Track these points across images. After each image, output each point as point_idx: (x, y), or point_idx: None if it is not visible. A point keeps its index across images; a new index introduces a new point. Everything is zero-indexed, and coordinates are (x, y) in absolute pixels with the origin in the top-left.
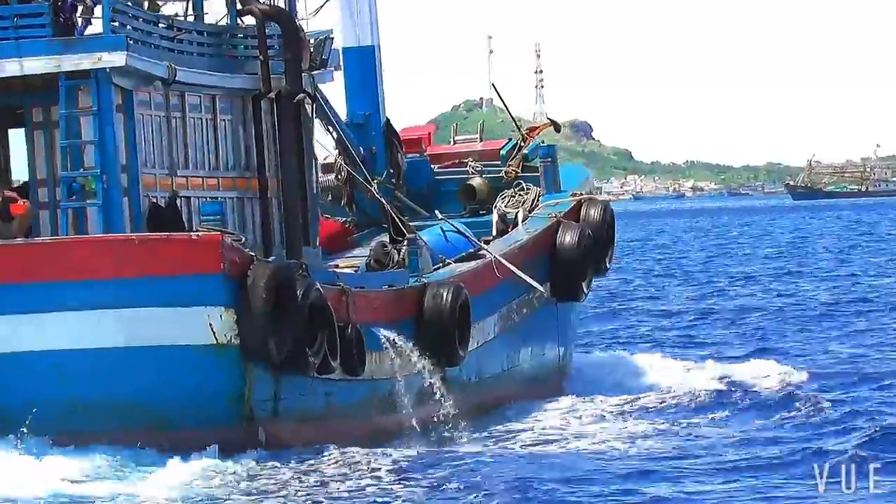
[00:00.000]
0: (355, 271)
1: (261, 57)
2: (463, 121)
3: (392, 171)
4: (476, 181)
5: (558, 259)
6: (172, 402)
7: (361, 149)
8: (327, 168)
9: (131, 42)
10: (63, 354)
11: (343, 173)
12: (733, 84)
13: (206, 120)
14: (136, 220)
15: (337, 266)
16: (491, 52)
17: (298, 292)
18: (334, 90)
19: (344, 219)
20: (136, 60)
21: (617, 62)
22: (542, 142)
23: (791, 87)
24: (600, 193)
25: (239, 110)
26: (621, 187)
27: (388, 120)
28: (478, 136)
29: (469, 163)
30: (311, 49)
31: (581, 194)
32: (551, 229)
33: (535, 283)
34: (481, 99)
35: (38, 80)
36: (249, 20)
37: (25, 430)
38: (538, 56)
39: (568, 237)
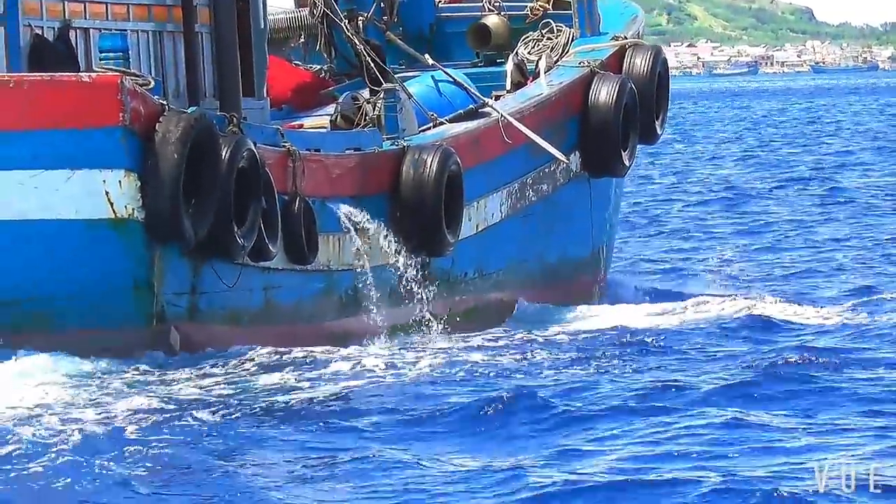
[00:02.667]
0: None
1: None
2: None
3: (383, 4)
4: (492, 20)
5: (591, 121)
6: (57, 294)
7: None
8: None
9: None
10: None
11: (318, 7)
12: None
13: None
14: (13, 56)
15: (302, 126)
16: None
17: (223, 153)
18: None
19: (319, 66)
20: None
21: None
22: None
23: None
24: (763, 60)
25: None
26: (798, 56)
27: None
28: None
29: None
30: None
31: (625, 38)
32: (582, 82)
33: (554, 151)
34: None
35: None
36: None
37: None
38: None
39: (604, 93)
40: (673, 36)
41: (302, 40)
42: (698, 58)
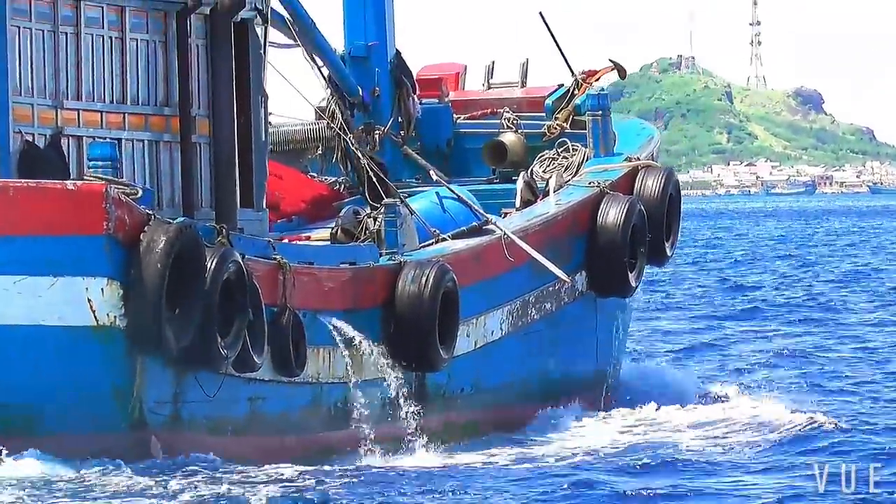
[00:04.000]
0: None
1: None
2: (655, 85)
3: (400, 119)
4: (508, 137)
5: (598, 241)
6: (40, 400)
7: (361, 89)
8: (321, 113)
9: None
10: None
11: (336, 120)
12: None
13: (111, 38)
14: (2, 162)
15: (309, 238)
16: (691, 15)
17: (209, 263)
18: (331, 15)
19: (335, 178)
20: None
21: (858, 15)
22: (603, 90)
23: None
24: (822, 180)
25: (158, 29)
26: (857, 176)
27: (398, 53)
28: (519, 79)
29: (504, 113)
30: None
31: (638, 159)
32: (591, 202)
33: (556, 270)
34: (679, 57)
35: None
36: None
37: None
38: (755, 4)
39: (612, 213)
40: (733, 155)
41: (319, 152)
42: (757, 177)
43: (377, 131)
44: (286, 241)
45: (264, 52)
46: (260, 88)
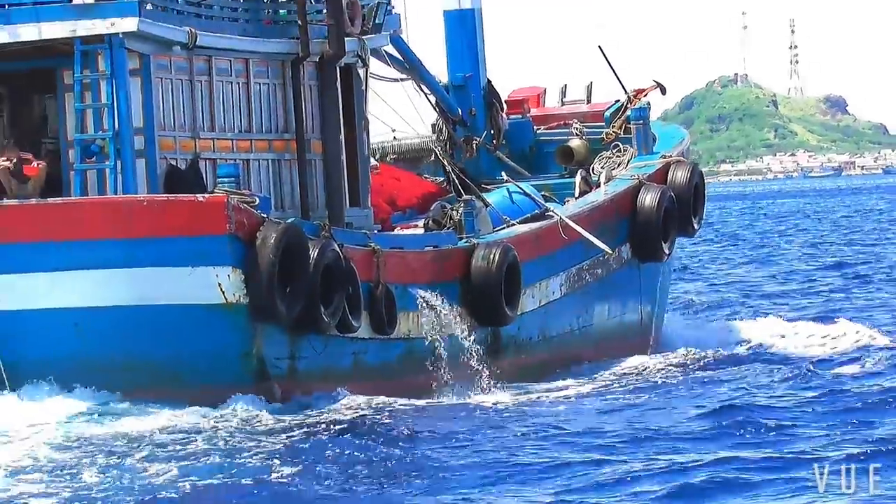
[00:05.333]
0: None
1: (299, 21)
2: (717, 97)
3: (492, 132)
4: (574, 142)
5: (638, 220)
6: (184, 361)
7: (460, 110)
8: (434, 129)
9: (148, 7)
10: (77, 312)
11: (444, 134)
12: None
13: (238, 84)
14: (152, 181)
15: (416, 226)
16: (745, 27)
17: (312, 252)
18: (437, 53)
19: (443, 179)
20: (151, 26)
21: (874, 34)
22: (648, 104)
23: None
24: (847, 165)
25: (277, 74)
26: (874, 161)
27: (489, 81)
28: (585, 97)
29: (573, 124)
30: (364, 13)
31: (671, 156)
32: (632, 191)
33: (599, 243)
34: (736, 75)
35: (68, 45)
36: None
37: (42, 383)
38: (792, 31)
39: (648, 199)
40: (778, 147)
41: (432, 158)
42: (798, 164)
43: (475, 141)
44: (396, 229)
45: (365, 88)
46: (362, 116)
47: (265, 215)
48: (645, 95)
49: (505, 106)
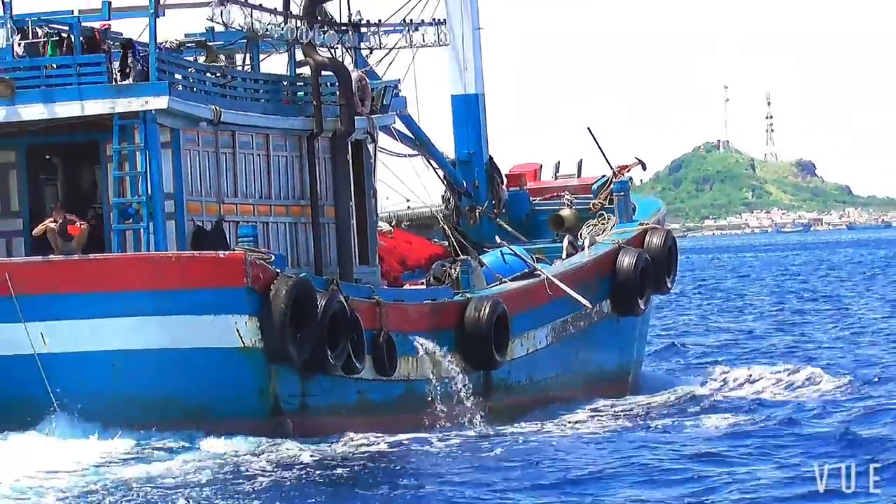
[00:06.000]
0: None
1: (314, 102)
2: (702, 160)
3: (494, 202)
4: (565, 212)
5: (617, 279)
6: (207, 397)
7: (465, 182)
8: (443, 199)
9: (179, 88)
10: (114, 354)
11: (451, 204)
12: None
13: (259, 155)
14: (181, 240)
15: (415, 283)
16: (727, 99)
17: (319, 303)
18: (444, 132)
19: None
20: (180, 104)
21: (841, 105)
22: (630, 179)
23: None
24: (815, 221)
25: (295, 147)
26: (839, 218)
27: (490, 158)
28: (575, 172)
29: (565, 196)
30: (373, 96)
31: (647, 223)
32: (612, 253)
33: (581, 298)
34: (718, 141)
35: (108, 120)
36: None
37: (83, 417)
38: (768, 104)
39: (626, 261)
40: (755, 205)
41: (440, 225)
42: (772, 220)
43: (478, 210)
44: (405, 285)
45: (374, 161)
46: (371, 185)
47: (279, 270)
48: (628, 171)
49: (505, 179)
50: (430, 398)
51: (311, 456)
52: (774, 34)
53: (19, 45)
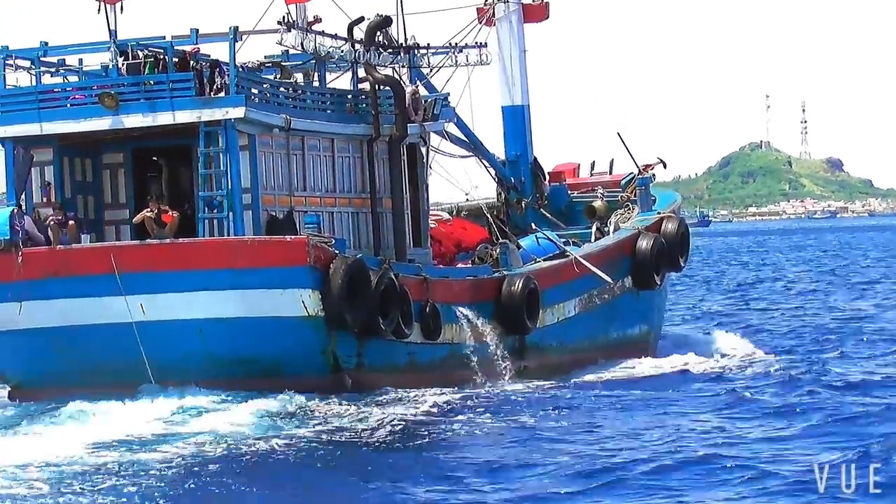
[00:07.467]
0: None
1: (373, 111)
2: (747, 157)
3: (537, 195)
4: (597, 203)
5: (636, 259)
6: (279, 357)
7: (513, 179)
8: (496, 193)
9: (255, 100)
10: (201, 322)
11: (501, 197)
12: None
13: (325, 157)
14: (256, 227)
15: (466, 263)
16: (768, 107)
17: (372, 279)
18: (496, 136)
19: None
20: (255, 113)
21: (866, 109)
22: (653, 176)
23: None
24: (841, 210)
25: (357, 149)
26: (862, 207)
27: (535, 158)
28: (608, 170)
29: (598, 190)
30: (425, 106)
31: (663, 213)
32: (633, 238)
33: (602, 275)
34: (761, 141)
35: (197, 127)
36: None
37: (175, 374)
38: (803, 110)
39: (644, 244)
40: (791, 196)
41: (494, 214)
42: (805, 208)
43: (524, 202)
44: (459, 264)
45: (427, 161)
46: (424, 181)
47: (337, 252)
48: (652, 169)
49: (548, 176)
50: (470, 359)
51: (360, 410)
52: (809, 47)
53: (123, 65)
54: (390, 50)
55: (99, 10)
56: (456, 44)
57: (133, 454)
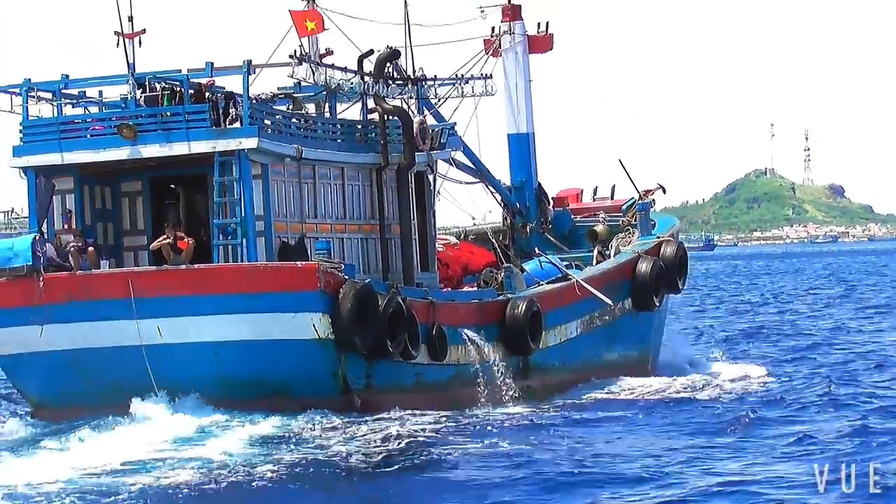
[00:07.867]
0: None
1: (382, 141)
2: (753, 183)
3: (542, 220)
4: (599, 227)
5: (636, 282)
6: (291, 379)
7: (518, 204)
8: (502, 217)
9: (268, 131)
10: (216, 344)
11: (507, 221)
12: None
13: (336, 185)
14: (269, 253)
15: (472, 286)
16: (773, 135)
17: (381, 303)
18: (503, 163)
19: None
20: (268, 144)
21: (867, 138)
22: (653, 201)
23: None
24: (842, 234)
25: (366, 178)
26: (863, 232)
27: (539, 184)
28: (609, 195)
29: (600, 214)
30: (432, 135)
31: (663, 237)
32: (633, 261)
33: (603, 297)
34: (766, 168)
35: (212, 157)
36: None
37: (189, 394)
38: (806, 139)
39: (643, 267)
40: (795, 221)
41: (500, 238)
42: (808, 233)
43: (529, 226)
44: (465, 287)
45: (434, 188)
46: (431, 208)
47: (346, 277)
48: (652, 194)
49: (552, 201)
50: (475, 379)
51: (369, 427)
52: (812, 77)
53: (141, 97)
54: (399, 81)
55: (118, 44)
56: (462, 75)
57: (142, 475)
